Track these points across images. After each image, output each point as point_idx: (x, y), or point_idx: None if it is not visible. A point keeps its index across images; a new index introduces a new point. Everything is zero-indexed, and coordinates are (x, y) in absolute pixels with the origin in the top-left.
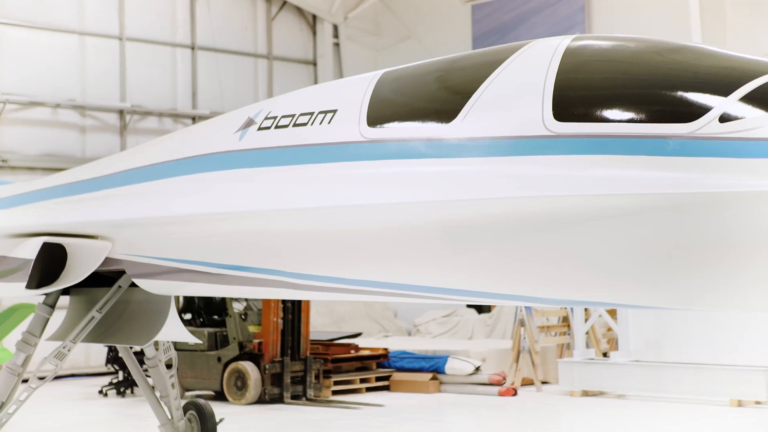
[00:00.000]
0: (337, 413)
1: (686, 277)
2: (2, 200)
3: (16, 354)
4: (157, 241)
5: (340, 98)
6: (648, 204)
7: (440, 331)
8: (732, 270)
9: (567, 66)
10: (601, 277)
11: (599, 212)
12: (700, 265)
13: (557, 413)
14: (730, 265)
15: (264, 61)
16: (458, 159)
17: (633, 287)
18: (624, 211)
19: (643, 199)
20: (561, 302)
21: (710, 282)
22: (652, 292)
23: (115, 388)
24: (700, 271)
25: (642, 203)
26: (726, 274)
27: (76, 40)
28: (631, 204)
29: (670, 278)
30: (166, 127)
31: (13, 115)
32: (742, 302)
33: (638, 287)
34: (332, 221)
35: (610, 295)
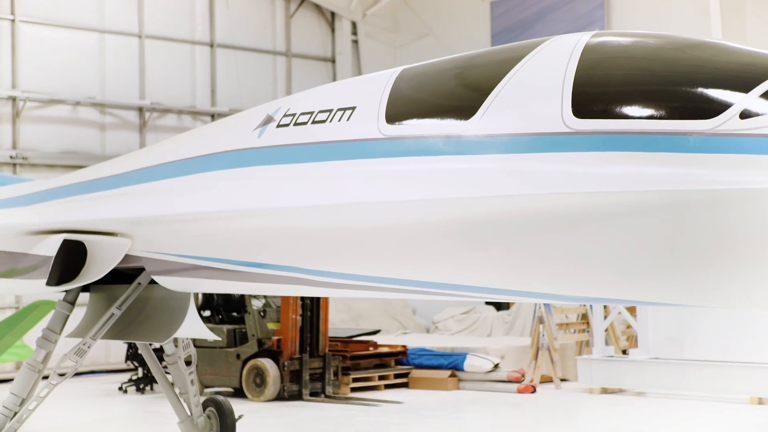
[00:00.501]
0: (355, 410)
1: (708, 274)
2: (23, 197)
3: (37, 351)
4: (176, 238)
5: (358, 95)
6: (668, 201)
7: (459, 329)
8: (755, 267)
9: (586, 63)
10: (620, 274)
11: (619, 209)
12: (723, 263)
13: (576, 411)
14: (753, 262)
15: (283, 59)
16: (477, 156)
17: (653, 284)
18: (644, 208)
19: (663, 196)
20: (580, 299)
21: (733, 279)
22: (672, 290)
23: (135, 385)
24: (722, 269)
25: (662, 200)
26: (749, 272)
27: (96, 37)
28: (651, 201)
29: (691, 275)
30: (185, 124)
31: (33, 113)
32: (766, 300)
33: (658, 284)
34: (351, 218)
35: (630, 293)
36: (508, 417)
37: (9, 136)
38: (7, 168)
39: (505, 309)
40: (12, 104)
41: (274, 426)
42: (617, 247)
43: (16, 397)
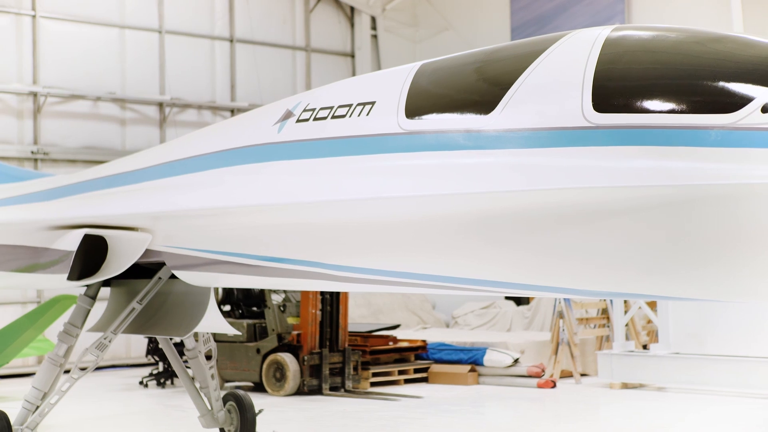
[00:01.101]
0: (375, 405)
1: (732, 269)
2: (44, 192)
3: (58, 345)
4: (197, 233)
5: (378, 90)
6: (689, 195)
7: (478, 323)
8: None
9: (607, 57)
10: (641, 269)
11: (639, 203)
12: (746, 257)
13: (596, 406)
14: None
15: (302, 54)
16: (497, 150)
17: (674, 279)
18: (665, 202)
19: (684, 190)
20: (600, 294)
21: (757, 274)
22: (694, 284)
23: (155, 379)
24: (746, 264)
25: (683, 195)
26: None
27: (117, 33)
28: (672, 196)
29: (714, 270)
30: (205, 119)
31: (54, 108)
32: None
33: (679, 279)
34: (370, 213)
35: (650, 287)
36: (528, 412)
37: (30, 131)
38: (28, 163)
39: (525, 304)
40: (33, 100)
41: (294, 420)
42: (638, 242)
43: (38, 391)
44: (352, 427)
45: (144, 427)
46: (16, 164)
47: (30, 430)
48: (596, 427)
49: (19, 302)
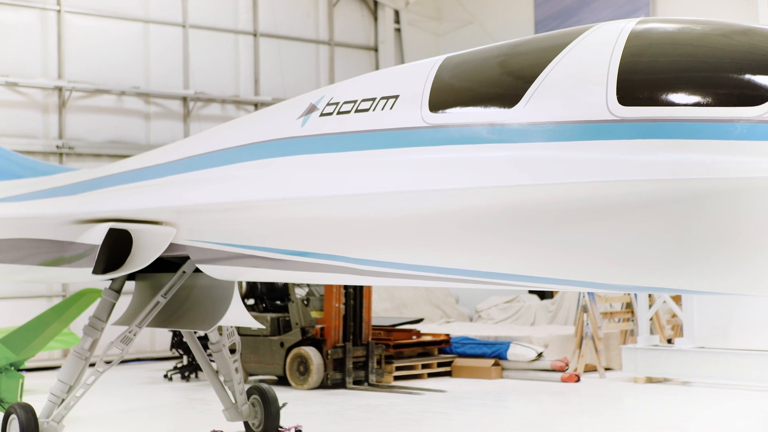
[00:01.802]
0: (398, 399)
1: (758, 263)
2: (69, 187)
3: (83, 338)
4: (221, 226)
5: (402, 84)
6: (714, 188)
7: (502, 317)
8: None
9: (631, 50)
10: (666, 263)
11: (664, 197)
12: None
13: (621, 400)
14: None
15: (326, 48)
16: (521, 144)
17: (699, 273)
18: (690, 196)
19: (709, 183)
20: (625, 288)
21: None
22: (719, 278)
23: (180, 373)
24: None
25: (709, 188)
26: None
27: (141, 28)
28: (698, 189)
29: (741, 264)
30: (229, 113)
31: (79, 103)
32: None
33: (705, 272)
34: (394, 207)
35: (676, 281)
36: (551, 406)
37: (55, 125)
38: (53, 157)
39: (548, 298)
40: (58, 94)
41: (318, 414)
42: (663, 235)
43: (64, 384)
44: (376, 420)
45: (168, 420)
46: (42, 159)
47: (56, 422)
48: (620, 422)
49: (44, 296)
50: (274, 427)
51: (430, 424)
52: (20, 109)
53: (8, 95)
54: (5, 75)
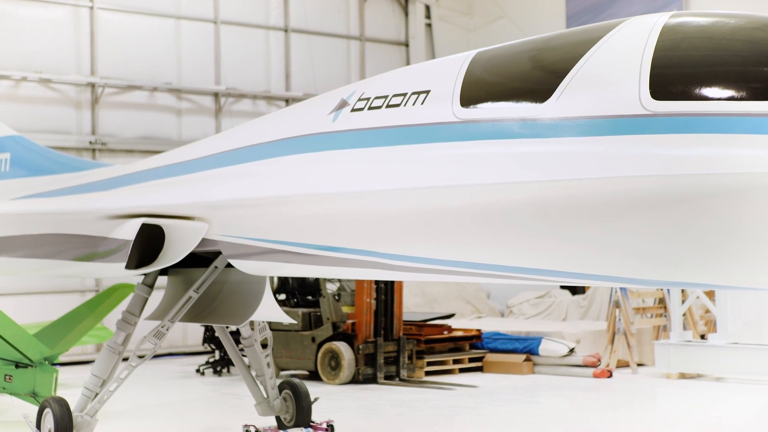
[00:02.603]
0: (430, 394)
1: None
2: (102, 182)
3: (117, 333)
4: (253, 222)
5: (433, 79)
6: (749, 183)
7: (533, 312)
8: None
9: (665, 43)
10: (700, 258)
11: (699, 192)
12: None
13: (653, 396)
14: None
15: (356, 43)
16: (553, 139)
17: (734, 268)
18: (725, 190)
19: (744, 178)
20: (658, 283)
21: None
22: (755, 274)
23: (212, 367)
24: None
25: (743, 183)
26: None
27: (172, 24)
28: (732, 184)
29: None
30: (260, 109)
31: (112, 99)
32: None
33: (740, 268)
34: (426, 202)
35: (710, 276)
36: (583, 401)
37: (88, 121)
38: (86, 153)
39: (580, 293)
40: (91, 90)
41: (350, 409)
42: (697, 230)
43: (97, 378)
44: (407, 415)
45: (201, 414)
46: (75, 154)
47: (90, 416)
48: (653, 417)
49: (78, 291)
50: (306, 422)
51: (462, 419)
52: (54, 106)
53: (42, 91)
54: (39, 71)
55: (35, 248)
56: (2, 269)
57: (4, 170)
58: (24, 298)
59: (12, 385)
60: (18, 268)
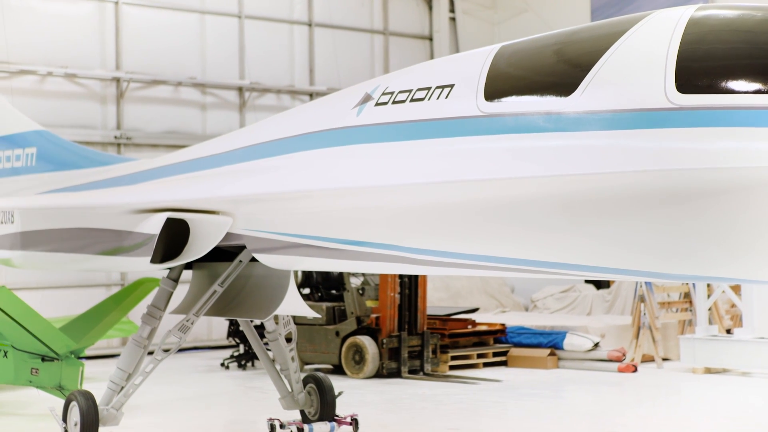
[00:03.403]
0: (454, 388)
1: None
2: (127, 177)
3: (142, 327)
4: (277, 216)
5: (457, 73)
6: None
7: (558, 307)
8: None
9: (690, 36)
10: (726, 252)
11: (725, 185)
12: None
13: (678, 391)
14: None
15: (380, 37)
16: (577, 133)
17: (760, 262)
18: (751, 184)
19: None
20: (684, 278)
21: None
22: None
23: (237, 361)
24: None
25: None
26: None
27: (197, 18)
28: (758, 177)
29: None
30: (284, 103)
31: (137, 94)
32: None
33: (766, 262)
34: (450, 196)
35: (737, 271)
36: (608, 396)
37: (113, 116)
38: (111, 148)
39: (605, 287)
40: (116, 85)
41: (374, 403)
42: (723, 225)
43: (123, 371)
44: (432, 410)
45: (225, 408)
46: (100, 149)
47: (115, 409)
48: (679, 412)
49: (103, 285)
50: (330, 416)
51: (486, 413)
52: (79, 100)
53: (67, 86)
54: (64, 66)
55: (61, 242)
56: (29, 263)
57: (31, 165)
58: (50, 292)
59: (38, 378)
60: (44, 262)
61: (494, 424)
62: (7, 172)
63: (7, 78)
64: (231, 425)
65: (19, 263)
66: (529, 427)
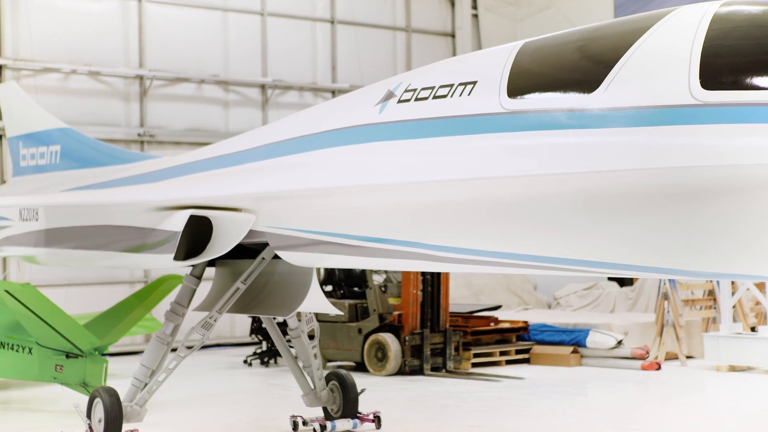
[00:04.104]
0: (477, 385)
1: None
2: (150, 174)
3: (165, 324)
4: (300, 213)
5: (479, 70)
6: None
7: (581, 304)
8: None
9: (715, 32)
10: (751, 249)
11: (750, 183)
12: None
13: (702, 389)
14: None
15: (402, 34)
16: (601, 129)
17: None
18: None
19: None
20: (708, 275)
21: None
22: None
23: (259, 358)
24: None
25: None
26: None
27: (219, 16)
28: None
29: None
30: (307, 101)
31: (160, 91)
32: None
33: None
34: (473, 193)
35: (762, 269)
36: (632, 394)
37: (137, 114)
38: (135, 145)
39: (628, 285)
40: (139, 83)
41: (396, 400)
42: (748, 221)
43: (146, 368)
44: (454, 407)
45: (248, 405)
46: (123, 146)
47: (139, 406)
48: (702, 410)
49: (127, 282)
50: (353, 413)
51: (509, 411)
52: (103, 98)
53: (91, 84)
54: (88, 64)
55: (85, 239)
56: (53, 260)
57: (55, 162)
58: (74, 289)
59: (63, 375)
60: (68, 259)
61: (517, 421)
62: (32, 170)
63: (31, 76)
64: (254, 422)
65: (44, 260)
66: (552, 425)
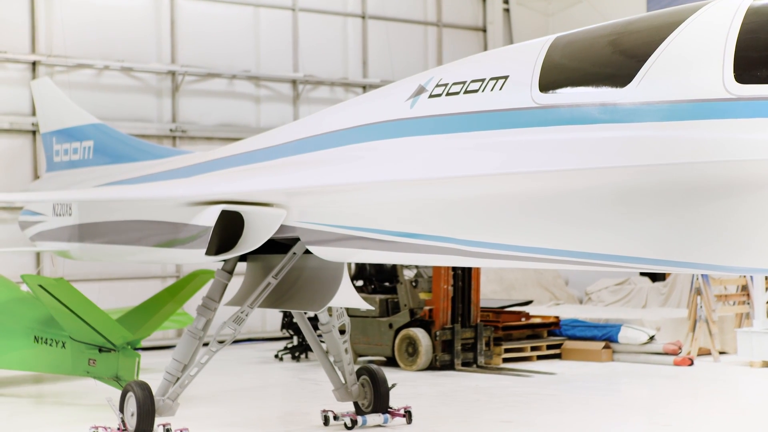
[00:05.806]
0: (508, 381)
1: None
2: (182, 169)
3: (197, 318)
4: (331, 208)
5: (511, 64)
6: None
7: (613, 300)
8: None
9: (750, 26)
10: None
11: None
12: None
13: (736, 384)
14: None
15: (434, 29)
16: (634, 124)
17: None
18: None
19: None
20: (741, 270)
21: None
22: None
23: (290, 353)
24: None
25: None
26: None
27: (251, 11)
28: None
29: None
30: (338, 96)
31: (192, 87)
32: None
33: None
34: (504, 188)
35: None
36: (664, 389)
37: (169, 109)
38: (167, 141)
39: (660, 280)
40: (171, 78)
41: (427, 395)
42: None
43: (178, 363)
44: (485, 402)
45: (279, 399)
46: (156, 142)
47: (171, 400)
48: (736, 406)
49: (159, 277)
50: (384, 408)
51: (540, 406)
52: (135, 94)
53: (124, 80)
54: (121, 60)
55: (117, 234)
56: (86, 255)
57: (88, 157)
58: (107, 283)
59: (95, 369)
60: (101, 254)
61: (548, 417)
62: (65, 165)
63: (64, 72)
64: (285, 417)
65: (77, 255)
66: (583, 420)
